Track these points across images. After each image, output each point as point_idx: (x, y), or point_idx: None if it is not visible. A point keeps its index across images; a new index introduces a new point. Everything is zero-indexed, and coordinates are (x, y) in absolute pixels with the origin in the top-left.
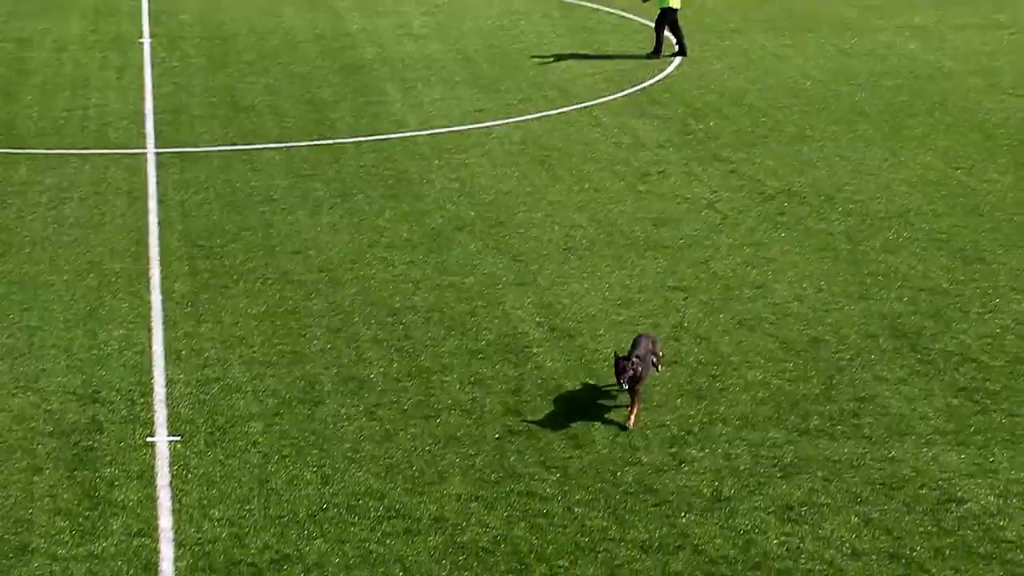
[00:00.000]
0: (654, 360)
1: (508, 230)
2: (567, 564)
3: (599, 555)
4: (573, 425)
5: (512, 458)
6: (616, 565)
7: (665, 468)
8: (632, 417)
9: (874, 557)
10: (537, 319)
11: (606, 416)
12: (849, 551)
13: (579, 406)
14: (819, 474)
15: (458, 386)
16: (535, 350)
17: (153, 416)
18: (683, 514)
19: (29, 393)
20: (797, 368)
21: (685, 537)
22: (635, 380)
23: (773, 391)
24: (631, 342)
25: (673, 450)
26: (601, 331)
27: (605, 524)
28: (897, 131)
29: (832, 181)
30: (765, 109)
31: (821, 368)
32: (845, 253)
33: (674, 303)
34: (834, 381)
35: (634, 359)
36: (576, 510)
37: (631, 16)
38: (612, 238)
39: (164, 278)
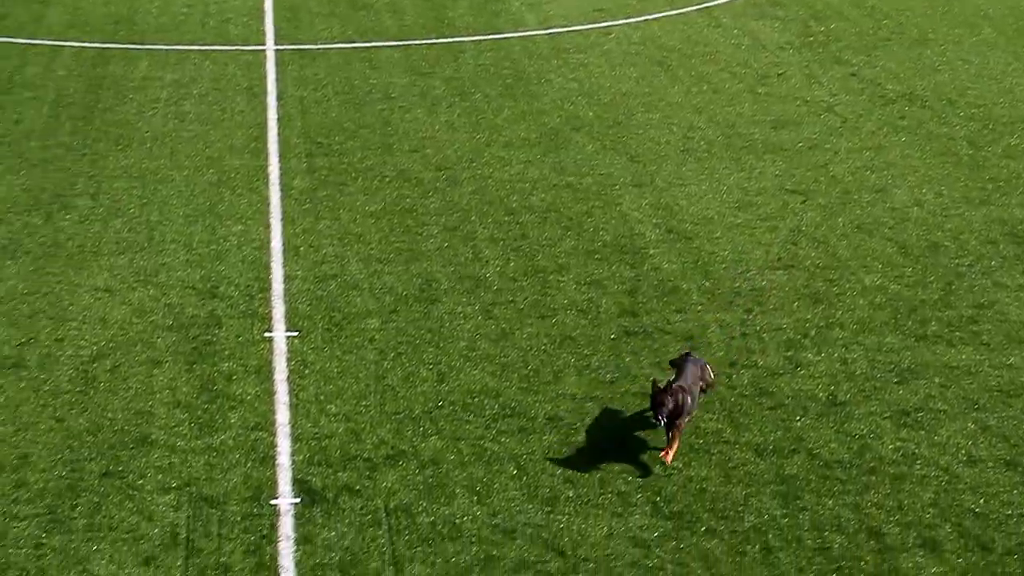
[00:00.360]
0: (703, 387)
1: (626, 131)
2: (681, 465)
3: (713, 457)
4: (689, 327)
5: (627, 359)
6: (730, 467)
7: (781, 372)
8: (670, 454)
9: (990, 464)
10: (654, 220)
11: (723, 318)
12: (965, 457)
13: (695, 308)
14: (936, 380)
15: (574, 286)
16: (651, 251)
17: (271, 311)
18: (798, 418)
19: (149, 287)
20: (915, 273)
21: (800, 441)
22: (676, 414)
23: (891, 296)
24: (676, 365)
25: (789, 353)
26: (718, 234)
27: (720, 426)
28: (1021, 34)
29: (954, 85)
30: (887, 12)
31: (940, 274)
32: (966, 158)
33: (792, 206)
34: (953, 287)
35: (676, 389)
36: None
37: None
38: (730, 140)
39: (283, 174)
